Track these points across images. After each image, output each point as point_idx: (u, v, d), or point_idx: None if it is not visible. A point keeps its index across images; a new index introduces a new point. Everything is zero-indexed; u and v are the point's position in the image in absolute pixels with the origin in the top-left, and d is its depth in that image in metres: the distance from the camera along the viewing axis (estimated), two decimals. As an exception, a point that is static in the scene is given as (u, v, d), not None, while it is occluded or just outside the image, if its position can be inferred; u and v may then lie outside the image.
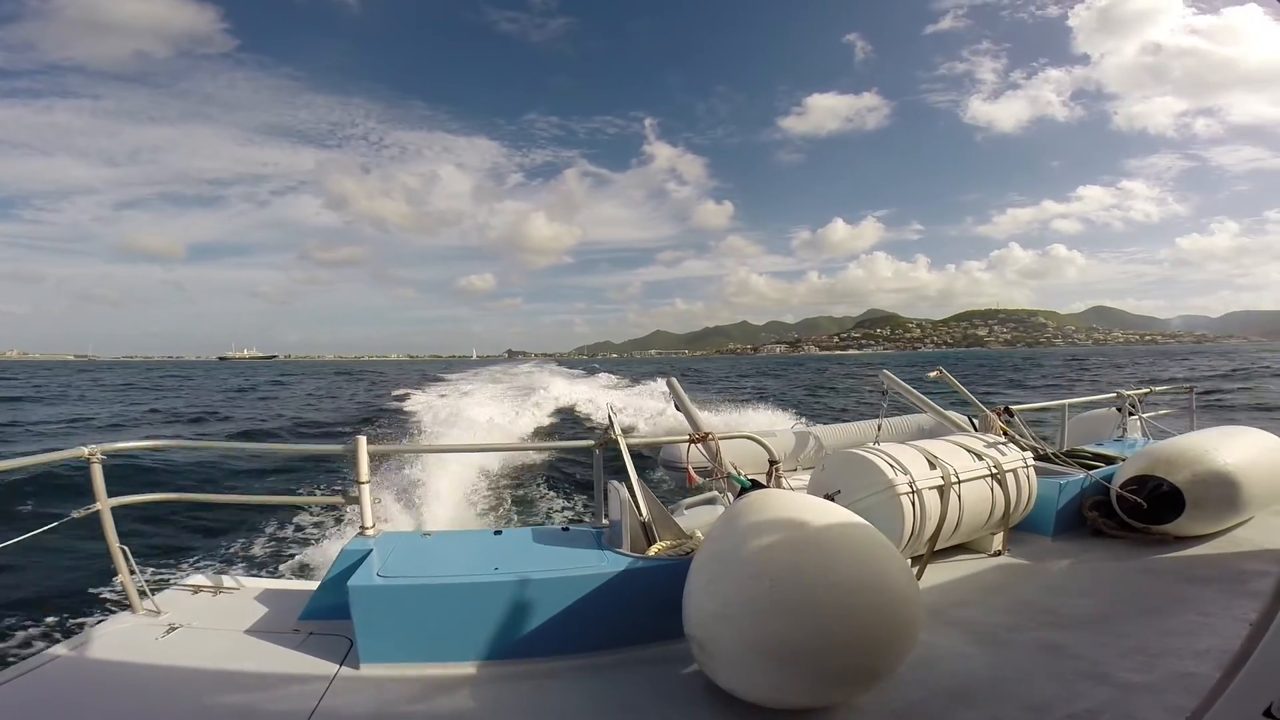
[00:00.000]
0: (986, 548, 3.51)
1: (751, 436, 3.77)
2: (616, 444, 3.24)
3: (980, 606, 2.85)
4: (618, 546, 2.69)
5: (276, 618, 2.66)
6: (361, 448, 2.88)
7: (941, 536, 3.10)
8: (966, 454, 3.34)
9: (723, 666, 1.98)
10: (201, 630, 2.54)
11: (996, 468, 3.31)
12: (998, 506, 3.30)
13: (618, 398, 22.81)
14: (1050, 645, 2.46)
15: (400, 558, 2.56)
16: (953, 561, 3.40)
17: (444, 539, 2.90)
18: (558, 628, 2.36)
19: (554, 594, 2.38)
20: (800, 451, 5.13)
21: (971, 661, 2.35)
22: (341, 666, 2.28)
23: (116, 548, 2.59)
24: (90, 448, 2.57)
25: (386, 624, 2.30)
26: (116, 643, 2.41)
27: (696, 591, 2.06)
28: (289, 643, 2.44)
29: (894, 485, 2.98)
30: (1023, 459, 3.48)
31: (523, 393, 24.03)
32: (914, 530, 3.00)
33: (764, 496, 2.22)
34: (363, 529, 2.85)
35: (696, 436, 3.32)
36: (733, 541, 2.03)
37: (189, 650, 2.38)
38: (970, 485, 3.20)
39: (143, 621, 2.59)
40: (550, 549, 2.70)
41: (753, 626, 1.84)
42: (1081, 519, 3.84)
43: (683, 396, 3.92)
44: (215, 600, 2.85)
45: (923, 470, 3.10)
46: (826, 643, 1.80)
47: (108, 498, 2.62)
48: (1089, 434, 5.85)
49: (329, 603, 2.58)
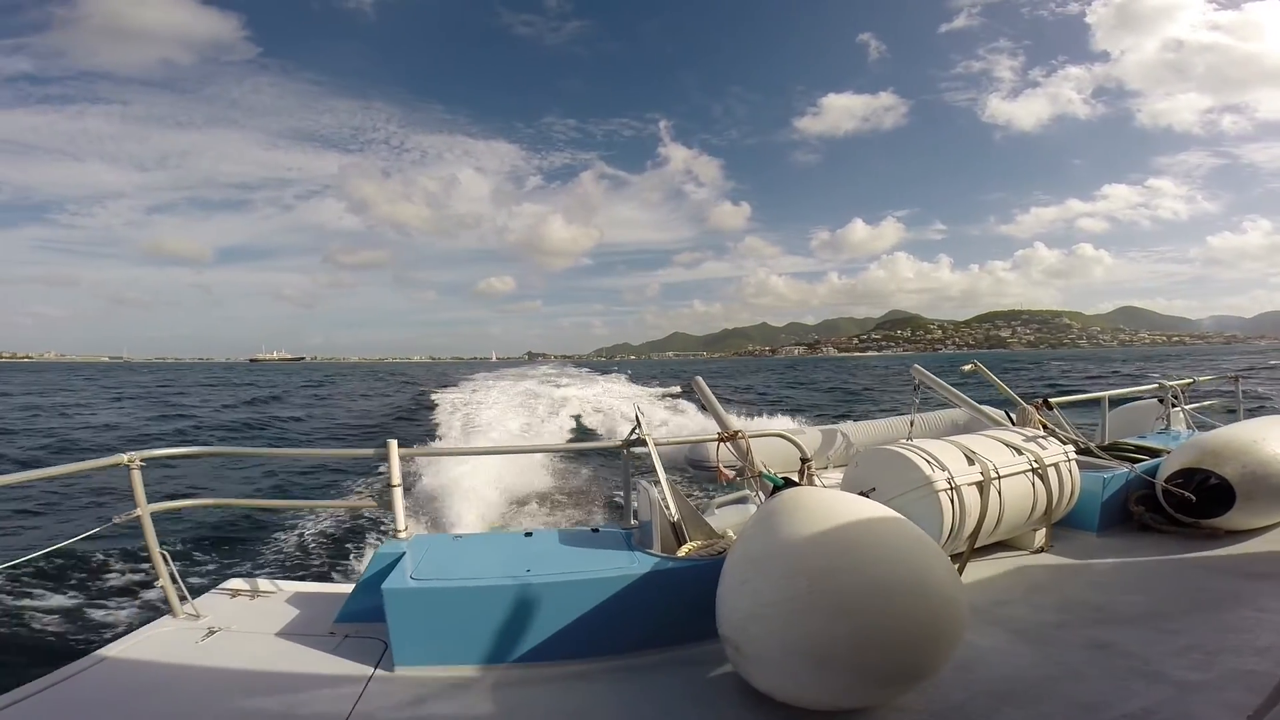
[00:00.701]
0: (1029, 544, 3.41)
1: (782, 434, 3.72)
2: (644, 444, 3.20)
3: (1024, 604, 2.77)
4: (648, 547, 2.67)
5: (312, 621, 2.69)
6: (393, 451, 2.89)
7: (982, 534, 3.02)
8: (1006, 449, 3.25)
9: (758, 667, 1.94)
10: (240, 633, 2.58)
11: (1037, 462, 3.22)
12: (1040, 502, 3.21)
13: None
14: (1100, 643, 2.38)
15: (433, 560, 2.56)
16: (994, 559, 3.32)
17: (475, 541, 2.90)
18: (589, 629, 2.35)
19: (585, 596, 2.36)
20: (831, 449, 5.05)
21: (1017, 661, 2.27)
22: (376, 669, 2.29)
23: (157, 552, 2.63)
24: (129, 454, 2.61)
25: (420, 626, 2.30)
26: (158, 646, 2.45)
27: (731, 592, 2.02)
28: (325, 646, 2.46)
29: (932, 482, 2.91)
30: (1064, 453, 3.38)
31: (547, 399, 24.14)
32: (953, 528, 2.93)
33: (799, 494, 2.17)
34: (395, 532, 2.87)
35: (726, 435, 3.27)
36: (768, 540, 1.99)
37: (227, 653, 2.41)
38: (1011, 481, 3.11)
39: (183, 625, 2.63)
40: (580, 550, 2.68)
41: (789, 627, 1.80)
42: (1127, 514, 3.73)
43: (709, 396, 3.88)
44: (253, 603, 2.89)
45: (961, 466, 3.02)
46: (866, 643, 1.74)
47: (148, 503, 2.66)
48: (1130, 426, 5.71)
49: (363, 606, 2.59)
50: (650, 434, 3.24)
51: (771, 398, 29.10)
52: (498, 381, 35.15)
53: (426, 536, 2.94)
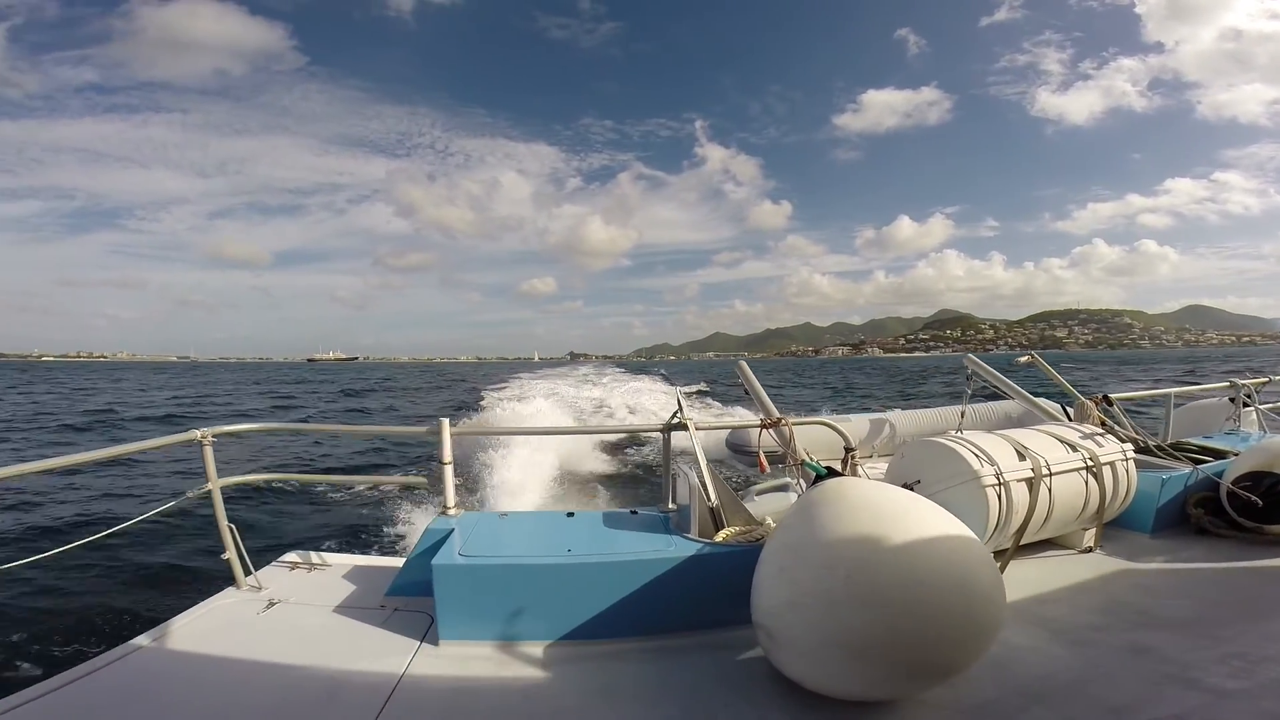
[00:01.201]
0: (1077, 543, 3.29)
1: (825, 422, 3.65)
2: (685, 428, 3.19)
3: (1066, 604, 2.68)
4: (685, 531, 2.68)
5: (364, 594, 2.79)
6: (445, 430, 2.97)
7: (1028, 531, 2.92)
8: (1060, 445, 3.12)
9: (791, 655, 1.94)
10: (297, 605, 2.69)
11: (1092, 460, 3.08)
12: (1091, 500, 3.08)
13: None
14: (1139, 646, 2.30)
15: (479, 537, 2.64)
16: (1039, 557, 3.21)
17: (520, 519, 2.97)
18: (625, 610, 2.38)
19: (623, 577, 2.39)
20: (876, 438, 4.93)
21: (1052, 661, 2.22)
22: (422, 642, 2.37)
23: (225, 526, 2.76)
24: (201, 430, 2.75)
25: (465, 602, 2.37)
26: (222, 617, 2.59)
27: (767, 579, 2.02)
28: (375, 619, 2.55)
29: (979, 476, 2.82)
30: (1122, 451, 3.24)
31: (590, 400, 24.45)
32: (998, 524, 2.85)
33: (841, 485, 2.14)
34: (445, 508, 2.94)
35: (769, 421, 3.23)
36: (807, 530, 1.97)
37: (285, 624, 2.53)
38: (1062, 478, 3.00)
39: (245, 596, 2.77)
40: (619, 532, 2.72)
41: (824, 617, 1.80)
42: (1184, 516, 3.54)
43: (753, 381, 3.83)
44: (309, 576, 3.02)
45: (1011, 461, 2.92)
46: (900, 636, 1.73)
47: (218, 478, 2.80)
48: (1197, 425, 5.39)
49: (412, 580, 2.69)
50: (691, 418, 3.24)
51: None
52: (540, 382, 35.90)
53: (474, 514, 3.02)
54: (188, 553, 6.18)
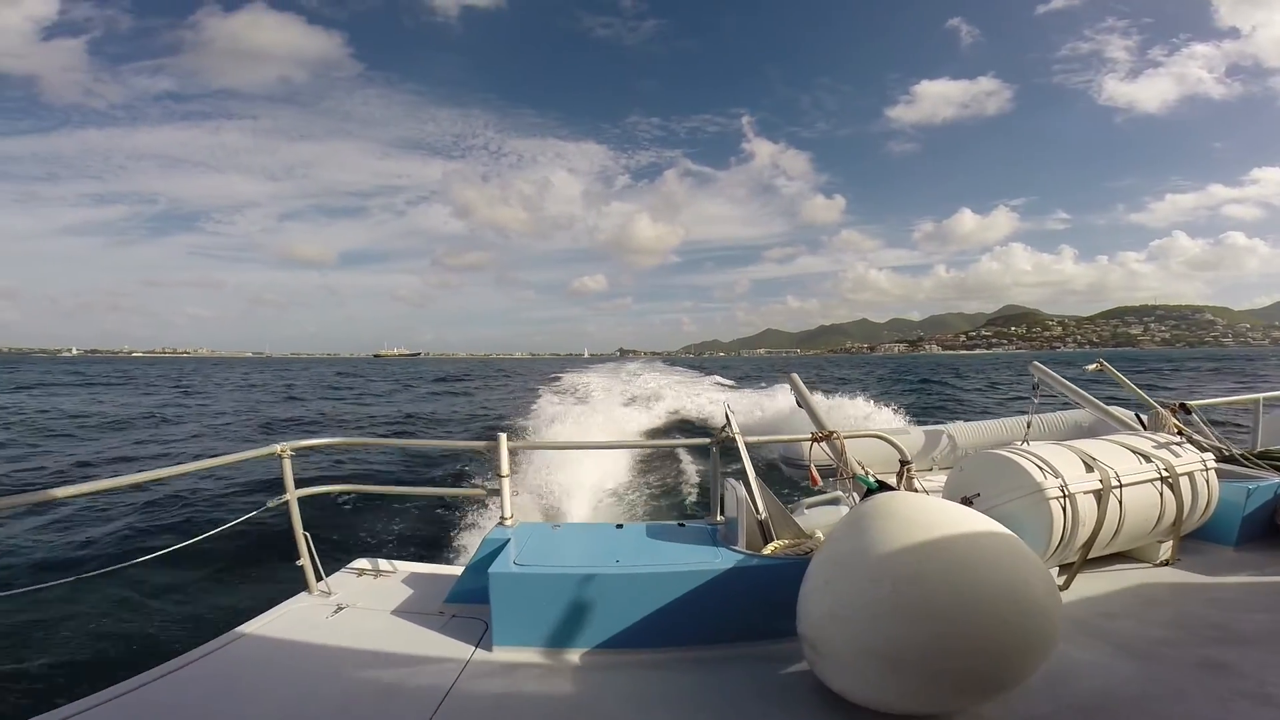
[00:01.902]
0: (1152, 557, 3.11)
1: (880, 435, 3.58)
2: (734, 442, 3.20)
3: (1136, 619, 2.56)
4: (732, 543, 2.69)
5: (424, 600, 2.93)
6: (503, 444, 3.11)
7: (1097, 544, 2.78)
8: (1132, 455, 2.96)
9: (835, 667, 1.93)
10: (363, 610, 2.85)
11: (1168, 470, 2.91)
12: (1167, 513, 2.91)
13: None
14: (1212, 663, 2.17)
15: (533, 547, 2.73)
16: (1110, 570, 3.05)
17: (571, 530, 3.06)
18: (671, 620, 2.42)
19: (669, 587, 2.43)
20: (934, 451, 4.80)
21: (1115, 676, 2.13)
22: (477, 648, 2.47)
23: (300, 534, 2.95)
24: (282, 445, 2.95)
25: (518, 609, 2.46)
26: (294, 621, 2.76)
27: (813, 591, 2.03)
28: (433, 624, 2.68)
29: (1042, 488, 2.70)
30: (1201, 461, 3.04)
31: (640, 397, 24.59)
32: (1064, 537, 2.72)
33: (892, 499, 2.11)
34: (502, 519, 3.06)
35: (820, 435, 3.20)
36: (855, 543, 1.96)
37: (350, 628, 2.68)
38: (1134, 490, 2.84)
39: (316, 602, 2.94)
40: (667, 544, 2.75)
41: (869, 630, 1.79)
42: (1273, 528, 3.34)
43: (805, 393, 3.78)
44: (375, 582, 3.18)
45: (1077, 472, 2.79)
46: (946, 650, 1.71)
47: (295, 489, 3.00)
48: None
49: (470, 587, 2.81)
50: (739, 432, 3.24)
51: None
52: (595, 378, 36.55)
53: (529, 525, 3.13)
54: (269, 558, 6.57)
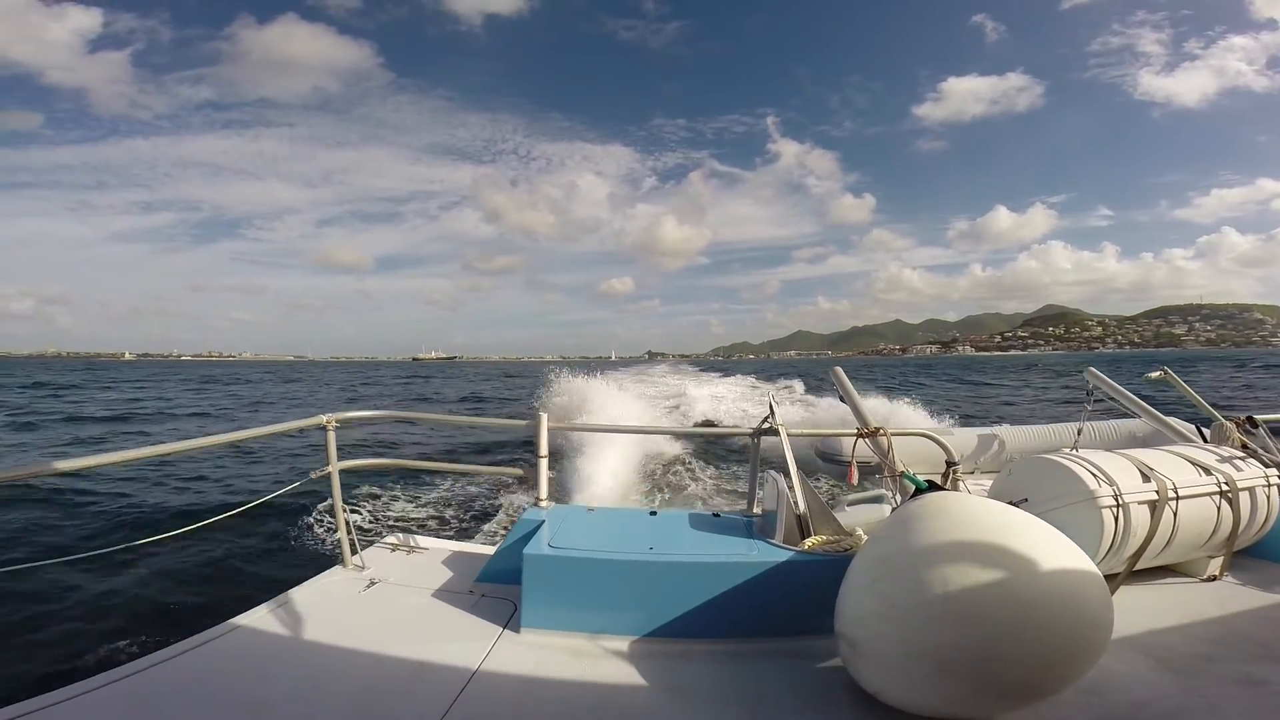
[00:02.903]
0: (1200, 571, 2.98)
1: (927, 434, 3.48)
2: (776, 433, 3.14)
3: (1178, 633, 2.47)
4: (770, 536, 2.65)
5: (456, 578, 2.94)
6: (543, 424, 3.08)
7: (1146, 556, 2.68)
8: (1192, 467, 2.83)
9: (874, 667, 1.88)
10: (395, 586, 2.88)
11: (1228, 484, 2.77)
12: (1223, 527, 2.78)
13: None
14: (1253, 679, 2.09)
15: (567, 530, 2.72)
16: (1155, 583, 2.94)
17: (606, 515, 3.04)
18: (703, 611, 2.39)
19: (703, 578, 2.40)
20: (982, 454, 4.70)
21: (1153, 690, 2.05)
22: (505, 629, 2.47)
23: (340, 506, 2.98)
24: (328, 415, 2.94)
25: (549, 592, 2.45)
26: (327, 594, 2.80)
27: (856, 589, 1.97)
28: (463, 603, 2.69)
29: (1094, 496, 2.60)
30: (1264, 476, 2.90)
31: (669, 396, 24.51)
32: (1113, 547, 2.62)
33: (943, 498, 2.05)
34: (537, 500, 3.05)
35: (866, 431, 3.13)
36: (904, 542, 1.91)
37: (382, 604, 2.71)
38: (1191, 502, 2.72)
39: (350, 575, 2.98)
40: (702, 534, 2.72)
41: (914, 631, 1.74)
42: None
43: (849, 388, 3.70)
44: (408, 558, 3.21)
45: (1133, 482, 2.68)
46: (991, 654, 1.66)
47: (338, 461, 3.00)
48: None
49: (501, 567, 2.81)
50: (783, 423, 3.18)
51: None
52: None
53: (564, 507, 3.12)
54: (305, 531, 6.79)
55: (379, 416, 3.64)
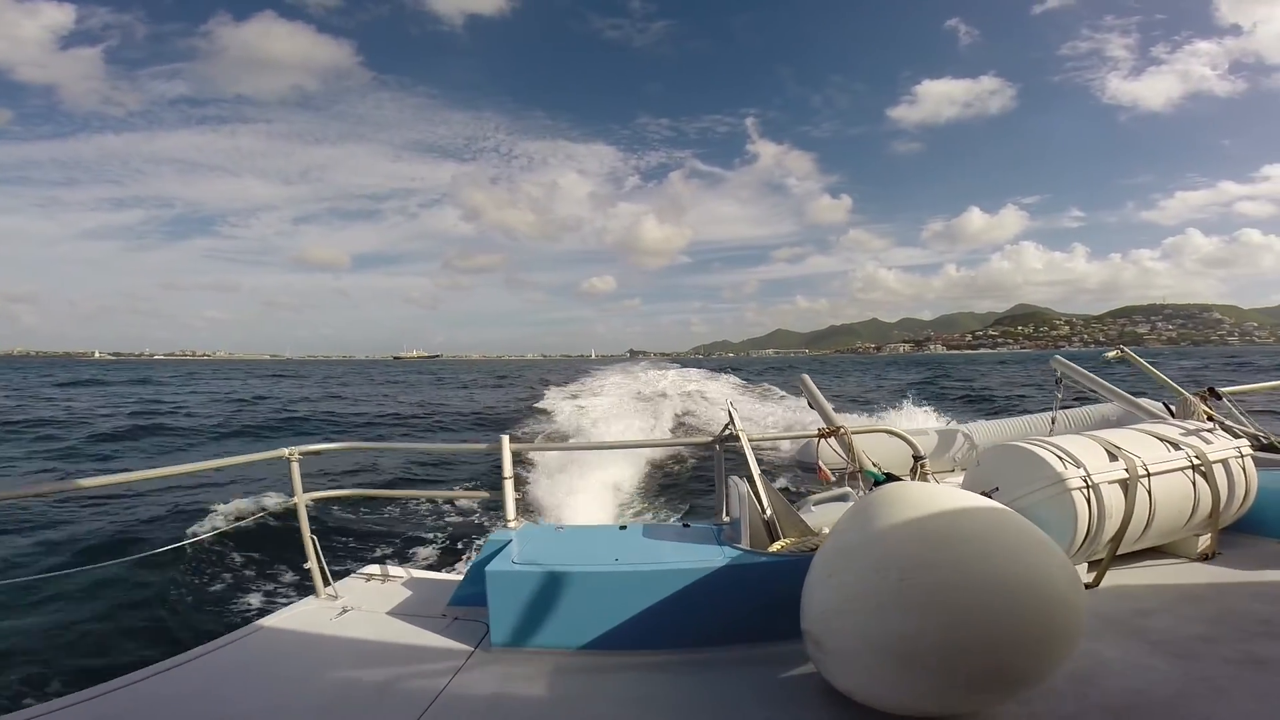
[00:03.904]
0: (1190, 551, 2.99)
1: (892, 431, 3.52)
2: (738, 440, 3.17)
3: (1172, 615, 2.45)
4: (736, 542, 2.64)
5: (428, 603, 2.95)
6: (505, 446, 3.13)
7: (1128, 538, 2.69)
8: (1159, 443, 2.86)
9: (840, 664, 1.86)
10: (367, 614, 2.87)
11: (1200, 458, 2.79)
12: (1203, 503, 2.80)
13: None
14: (1257, 659, 2.07)
15: (535, 547, 2.73)
16: (1144, 566, 2.95)
17: (574, 532, 3.05)
18: (671, 620, 2.38)
19: (669, 586, 2.40)
20: (951, 450, 4.72)
21: (1149, 674, 2.02)
22: (476, 649, 2.48)
23: (308, 537, 2.97)
24: (289, 449, 2.98)
25: (517, 608, 2.44)
26: (300, 622, 2.80)
27: (816, 584, 1.95)
28: (435, 626, 2.70)
29: (1063, 479, 2.61)
30: (1236, 448, 2.93)
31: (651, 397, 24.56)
32: (1090, 530, 2.62)
33: (901, 487, 2.04)
34: (505, 521, 3.06)
35: (827, 430, 3.16)
36: (861, 532, 1.88)
37: (352, 631, 2.70)
38: (1163, 479, 2.73)
39: (323, 604, 2.97)
40: (669, 544, 2.72)
41: (875, 622, 1.69)
42: None
43: (815, 392, 3.75)
44: (382, 587, 3.20)
45: (1100, 462, 2.69)
46: (959, 643, 1.60)
47: (303, 492, 3.02)
48: None
49: (472, 590, 2.80)
50: (743, 429, 3.21)
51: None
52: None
53: (533, 526, 3.13)
54: (273, 564, 6.61)
55: (342, 449, 3.67)
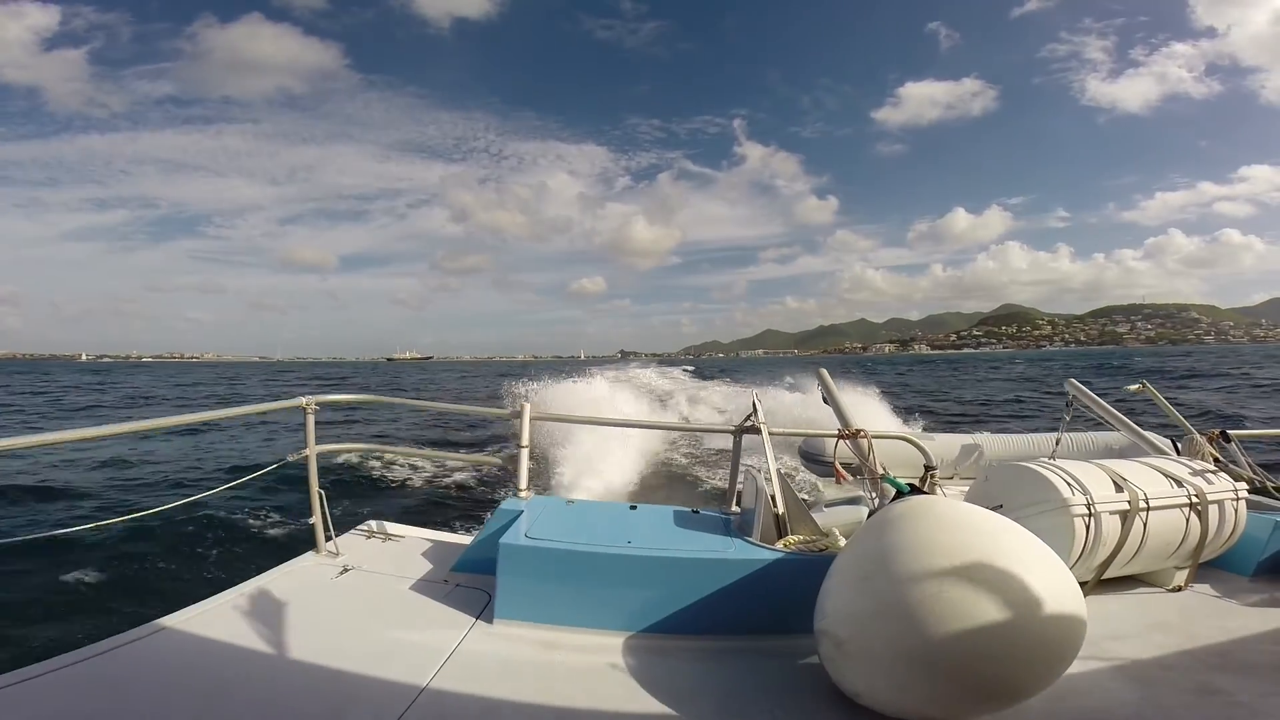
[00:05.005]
0: (1166, 581, 3.04)
1: (907, 438, 3.53)
2: (759, 431, 3.14)
3: (1139, 641, 2.51)
4: (747, 535, 2.65)
5: (431, 567, 2.88)
6: (526, 414, 3.06)
7: (1114, 565, 2.75)
8: (1163, 479, 2.90)
9: (858, 666, 1.88)
10: (368, 573, 2.80)
11: (1198, 497, 2.84)
12: (1190, 539, 2.86)
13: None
14: (1209, 688, 2.14)
15: (546, 521, 2.68)
16: (1121, 593, 2.99)
17: (585, 507, 3.01)
18: (678, 608, 2.38)
19: (680, 574, 2.40)
20: (959, 460, 4.76)
21: (1109, 696, 2.09)
22: (478, 619, 2.42)
23: (315, 491, 2.89)
24: (307, 398, 2.87)
25: (524, 583, 2.41)
26: (298, 580, 2.71)
27: (843, 586, 1.96)
28: (437, 593, 2.63)
29: (1068, 504, 2.64)
30: (1234, 490, 2.97)
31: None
32: (1083, 554, 2.68)
33: (933, 500, 2.08)
34: (517, 490, 3.01)
35: (847, 432, 3.14)
36: (895, 541, 1.90)
37: (354, 591, 2.64)
38: (1161, 514, 2.78)
39: (323, 561, 2.89)
40: (680, 530, 2.71)
41: (907, 630, 1.74)
42: None
43: (833, 389, 3.69)
44: (384, 546, 3.13)
45: (1106, 491, 2.73)
46: (982, 653, 1.68)
47: (316, 444, 2.93)
48: None
49: (477, 557, 2.76)
50: (765, 422, 3.18)
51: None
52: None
53: (543, 498, 3.08)
54: (283, 513, 6.66)
55: (360, 400, 3.56)
